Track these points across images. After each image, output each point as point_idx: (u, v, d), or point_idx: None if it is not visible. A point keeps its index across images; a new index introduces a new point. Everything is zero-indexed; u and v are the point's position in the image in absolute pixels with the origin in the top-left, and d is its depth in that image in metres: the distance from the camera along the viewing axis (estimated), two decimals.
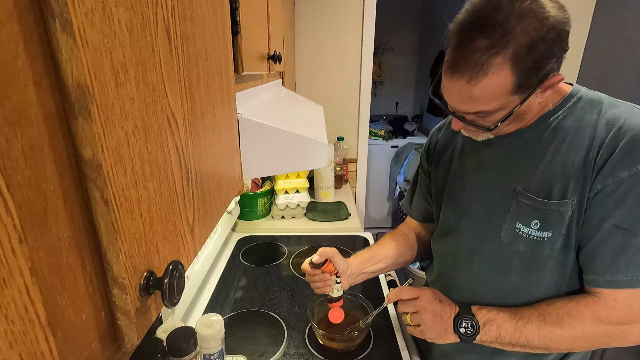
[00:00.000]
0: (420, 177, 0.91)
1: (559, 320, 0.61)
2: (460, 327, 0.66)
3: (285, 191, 1.58)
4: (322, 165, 0.74)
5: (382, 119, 3.72)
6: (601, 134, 0.58)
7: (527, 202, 0.64)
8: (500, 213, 0.68)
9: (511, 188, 0.66)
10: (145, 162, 0.28)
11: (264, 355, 0.88)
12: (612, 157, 0.56)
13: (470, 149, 0.75)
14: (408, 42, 3.79)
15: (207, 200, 0.44)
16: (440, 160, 0.82)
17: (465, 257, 0.74)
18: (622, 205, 0.56)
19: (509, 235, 0.66)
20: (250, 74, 0.75)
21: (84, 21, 0.21)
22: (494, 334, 0.64)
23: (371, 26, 1.90)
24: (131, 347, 0.27)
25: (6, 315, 0.17)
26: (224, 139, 0.52)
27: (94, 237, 0.24)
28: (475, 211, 0.72)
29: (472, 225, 0.73)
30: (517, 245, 0.65)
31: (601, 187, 0.57)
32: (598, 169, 0.57)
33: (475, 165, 0.73)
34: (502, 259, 0.68)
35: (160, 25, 0.30)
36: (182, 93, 0.36)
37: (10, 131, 0.17)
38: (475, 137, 0.67)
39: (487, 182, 0.71)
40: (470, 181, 0.74)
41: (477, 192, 0.73)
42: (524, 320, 0.63)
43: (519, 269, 0.66)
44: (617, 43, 1.81)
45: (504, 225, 0.67)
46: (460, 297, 0.73)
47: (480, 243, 0.71)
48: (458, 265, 0.76)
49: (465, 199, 0.75)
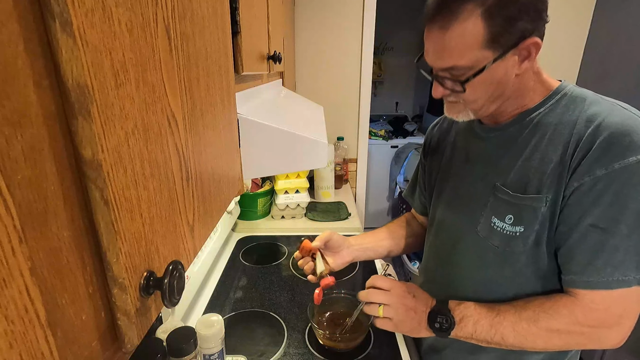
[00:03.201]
0: (420, 171, 0.93)
1: (535, 319, 0.60)
2: (435, 322, 0.66)
3: (285, 191, 1.58)
4: (322, 165, 0.74)
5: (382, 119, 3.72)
6: (580, 131, 0.58)
7: (503, 196, 0.65)
8: (479, 207, 0.69)
9: (491, 183, 0.67)
10: (145, 162, 0.28)
11: (264, 355, 0.88)
12: (589, 155, 0.56)
13: (461, 143, 0.77)
14: (408, 42, 3.78)
15: (207, 200, 0.44)
16: (435, 155, 0.84)
17: (447, 250, 0.76)
18: (598, 203, 0.55)
19: (485, 229, 0.67)
20: (250, 74, 0.75)
21: (84, 21, 0.21)
22: (469, 330, 0.64)
23: (371, 26, 1.90)
24: (131, 347, 0.27)
25: (6, 315, 0.17)
26: (224, 139, 0.52)
27: (94, 237, 0.24)
28: (458, 205, 0.74)
29: (454, 218, 0.75)
30: (492, 239, 0.66)
31: (578, 185, 0.57)
32: (575, 166, 0.57)
33: (463, 159, 0.75)
34: (479, 252, 0.69)
35: (160, 25, 0.30)
36: (182, 93, 0.36)
37: (10, 131, 0.17)
38: (456, 117, 0.66)
39: (471, 177, 0.72)
40: (456, 175, 0.76)
41: (461, 186, 0.74)
42: (500, 317, 0.63)
43: (494, 264, 0.67)
44: (617, 43, 1.81)
45: (482, 219, 0.68)
46: (440, 289, 0.74)
47: (461, 236, 0.72)
48: (439, 259, 0.78)
49: (451, 193, 0.76)
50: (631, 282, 0.55)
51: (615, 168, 0.54)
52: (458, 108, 0.65)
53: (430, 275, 0.82)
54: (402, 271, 2.81)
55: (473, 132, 0.74)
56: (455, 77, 0.59)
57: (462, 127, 0.79)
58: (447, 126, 0.84)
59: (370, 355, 0.88)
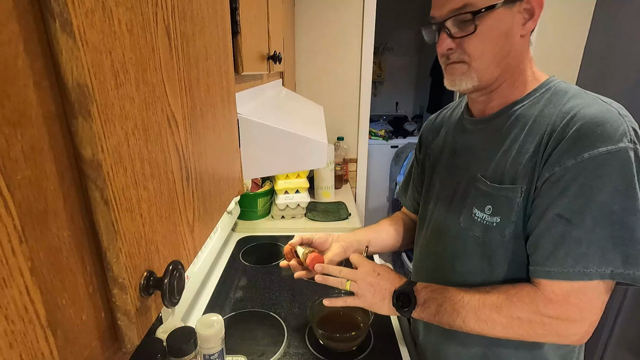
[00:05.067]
0: (414, 168, 0.93)
1: (498, 305, 0.61)
2: (398, 300, 0.69)
3: (285, 191, 1.58)
4: (322, 165, 0.74)
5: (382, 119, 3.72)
6: (555, 122, 0.58)
7: (482, 187, 0.65)
8: (462, 199, 0.70)
9: (473, 174, 0.68)
10: (145, 162, 0.28)
11: (264, 355, 0.88)
12: (560, 145, 0.56)
13: (450, 138, 0.78)
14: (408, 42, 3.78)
15: (207, 200, 0.44)
16: (427, 152, 0.85)
17: (433, 242, 0.77)
18: (565, 194, 0.55)
19: (467, 220, 0.68)
20: (250, 74, 0.75)
21: (84, 21, 0.20)
22: (432, 312, 0.66)
23: (371, 26, 1.90)
24: (131, 347, 0.27)
25: (6, 315, 0.17)
26: (224, 139, 0.52)
27: (94, 237, 0.24)
28: (445, 197, 0.75)
29: (440, 210, 0.76)
30: (473, 230, 0.67)
31: (548, 176, 0.57)
32: (547, 157, 0.57)
33: (451, 153, 0.76)
34: (461, 243, 0.70)
35: (160, 25, 0.30)
36: (182, 93, 0.36)
37: (10, 131, 0.17)
38: (458, 83, 0.64)
39: (457, 170, 0.73)
40: (444, 167, 0.77)
41: (447, 178, 0.75)
42: (464, 301, 0.63)
43: (475, 254, 0.68)
44: (617, 43, 1.81)
45: (464, 210, 0.69)
46: (425, 279, 0.75)
47: (445, 228, 0.74)
48: (426, 249, 0.80)
49: (438, 185, 0.78)
50: (592, 275, 0.54)
51: (584, 158, 0.53)
52: (462, 69, 0.62)
53: (418, 265, 0.84)
54: (402, 271, 2.81)
55: (461, 126, 0.75)
56: (466, 16, 0.58)
57: (452, 122, 0.80)
58: (439, 123, 0.85)
59: (370, 355, 0.88)
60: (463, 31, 0.59)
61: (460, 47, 0.61)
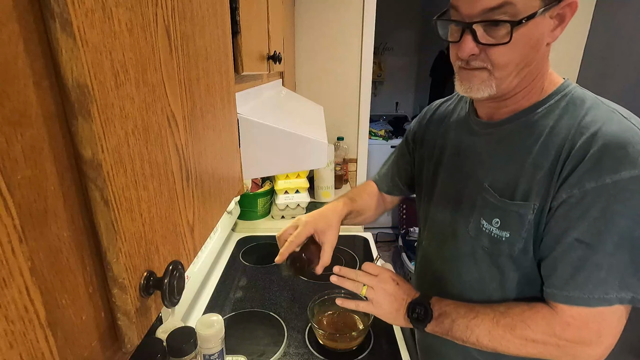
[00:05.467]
0: (401, 153, 0.91)
1: (512, 326, 0.60)
2: (413, 312, 0.67)
3: (285, 191, 1.58)
4: (322, 165, 0.74)
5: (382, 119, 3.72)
6: (574, 138, 0.55)
7: (490, 199, 0.63)
8: (469, 206, 0.68)
9: (479, 182, 0.65)
10: (145, 162, 0.28)
11: (264, 355, 0.88)
12: (581, 166, 0.53)
13: (453, 137, 0.74)
14: (408, 42, 3.79)
15: (207, 200, 0.44)
16: (424, 141, 0.82)
17: (438, 246, 0.75)
18: (585, 218, 0.53)
19: (475, 229, 0.66)
20: (250, 74, 0.75)
21: (84, 21, 0.20)
22: (446, 327, 0.65)
23: (371, 26, 1.90)
24: (131, 347, 0.27)
25: (6, 315, 0.17)
26: (224, 139, 0.52)
27: (94, 237, 0.24)
28: (449, 200, 0.73)
29: (444, 213, 0.74)
30: (481, 240, 0.65)
31: (566, 197, 0.54)
32: (565, 176, 0.54)
33: (454, 153, 0.73)
34: (469, 251, 0.68)
35: (160, 25, 0.30)
36: (182, 93, 0.36)
37: (10, 131, 0.17)
38: (475, 90, 0.59)
39: (461, 173, 0.70)
40: (447, 168, 0.74)
41: (451, 179, 0.73)
42: (478, 320, 0.62)
43: (482, 263, 0.66)
44: (617, 43, 1.81)
45: (471, 218, 0.67)
46: (430, 285, 0.74)
47: (452, 233, 0.71)
48: (431, 254, 0.78)
49: (441, 185, 0.75)
50: (612, 301, 0.53)
51: (606, 182, 0.51)
52: (481, 77, 0.57)
53: (422, 269, 0.82)
54: (402, 271, 2.81)
55: (467, 126, 0.72)
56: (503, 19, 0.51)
57: (456, 118, 0.76)
58: (440, 115, 0.81)
59: (370, 355, 0.88)
60: (494, 38, 0.53)
61: (483, 53, 0.55)
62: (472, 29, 0.53)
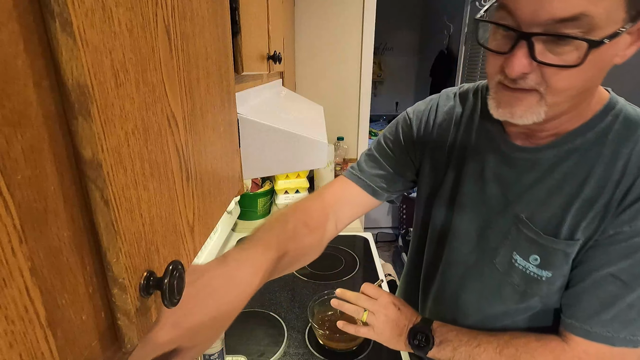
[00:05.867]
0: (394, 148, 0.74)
1: (516, 357, 0.58)
2: (414, 338, 0.65)
3: (285, 191, 1.58)
4: (322, 165, 0.74)
5: (382, 119, 3.72)
6: (633, 172, 0.49)
7: (529, 233, 0.56)
8: (497, 236, 0.60)
9: (513, 212, 0.58)
10: (145, 162, 0.28)
11: (264, 355, 0.88)
12: (638, 203, 0.48)
13: (476, 152, 0.63)
14: (408, 42, 3.79)
15: (207, 200, 0.44)
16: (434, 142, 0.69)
17: (458, 273, 0.67)
18: (629, 257, 0.49)
19: (504, 263, 0.60)
20: (250, 74, 0.75)
21: (84, 21, 0.20)
22: (448, 355, 0.63)
23: (371, 26, 1.90)
24: (131, 347, 0.27)
25: (6, 315, 0.17)
26: (224, 139, 0.52)
27: (94, 237, 0.24)
28: (469, 229, 0.64)
29: (467, 237, 0.65)
30: (512, 277, 0.59)
31: (613, 233, 0.50)
32: (619, 212, 0.49)
33: (476, 173, 0.63)
34: (494, 285, 0.62)
35: (160, 25, 0.30)
36: (182, 93, 0.36)
37: (10, 131, 0.17)
38: (519, 115, 0.47)
39: (486, 199, 0.62)
40: (467, 195, 0.64)
41: (472, 208, 0.64)
42: (481, 349, 0.60)
43: (509, 301, 0.62)
44: None
45: (500, 251, 0.60)
46: (439, 307, 0.70)
47: (475, 263, 0.65)
48: (446, 276, 0.70)
49: (461, 207, 0.65)
50: (637, 343, 0.51)
51: None
52: (529, 102, 0.46)
53: (427, 294, 0.75)
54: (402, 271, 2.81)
55: (495, 145, 0.60)
56: (577, 36, 0.39)
57: (478, 129, 0.63)
58: (447, 119, 0.68)
59: (370, 355, 0.88)
60: (558, 56, 0.41)
61: (537, 71, 0.43)
62: (531, 41, 0.41)
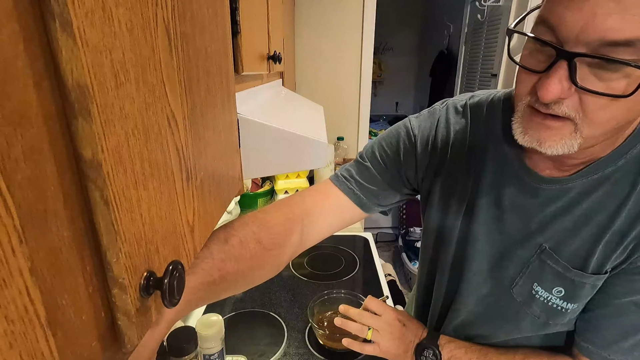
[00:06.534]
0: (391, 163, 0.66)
1: None
2: (421, 355, 0.63)
3: (285, 191, 1.58)
4: (322, 165, 0.74)
5: (382, 119, 3.72)
6: None
7: (554, 266, 0.53)
8: (516, 264, 0.57)
9: (535, 241, 0.54)
10: (145, 162, 0.28)
11: (264, 355, 0.88)
12: None
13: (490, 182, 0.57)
14: (408, 42, 3.79)
15: (207, 200, 0.44)
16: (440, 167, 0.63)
17: (470, 299, 0.64)
18: None
19: (524, 294, 0.57)
20: (250, 74, 0.75)
21: (84, 21, 0.20)
22: None
23: (371, 26, 1.90)
24: (131, 347, 0.27)
25: (6, 315, 0.17)
26: (224, 139, 0.52)
27: (94, 237, 0.24)
28: (485, 252, 0.60)
29: (482, 262, 0.61)
30: (532, 308, 0.56)
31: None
32: None
33: (491, 202, 0.57)
34: (511, 316, 0.59)
35: (160, 26, 0.30)
36: (182, 93, 0.36)
37: (10, 131, 0.17)
38: (547, 149, 0.42)
39: (504, 224, 0.57)
40: (484, 217, 0.59)
41: (490, 231, 0.59)
42: None
43: (528, 331, 0.59)
44: None
45: (519, 280, 0.56)
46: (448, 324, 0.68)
47: (489, 290, 0.61)
48: (458, 301, 0.66)
49: (475, 235, 0.60)
50: None
51: None
52: (562, 132, 0.40)
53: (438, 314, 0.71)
54: (402, 271, 2.81)
55: (513, 173, 0.55)
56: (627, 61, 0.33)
57: (493, 153, 0.57)
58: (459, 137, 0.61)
59: (370, 355, 0.88)
60: (602, 82, 0.36)
61: (575, 97, 0.38)
62: (573, 62, 0.36)
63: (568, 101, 0.38)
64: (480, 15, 2.36)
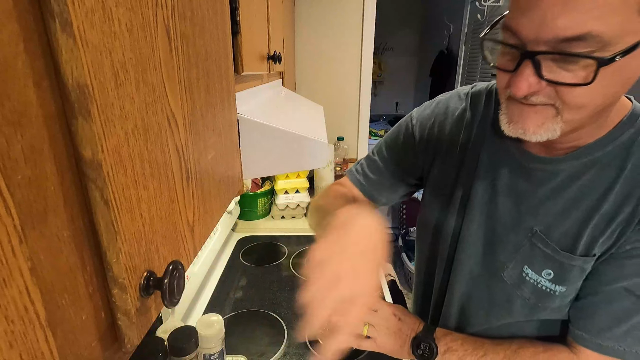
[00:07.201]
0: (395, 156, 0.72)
1: None
2: (418, 348, 0.63)
3: (285, 191, 1.58)
4: (322, 165, 0.74)
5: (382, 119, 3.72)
6: None
7: (544, 248, 0.54)
8: (507, 249, 0.58)
9: (527, 226, 0.56)
10: (145, 162, 0.28)
11: (264, 355, 0.88)
12: None
13: (487, 162, 0.60)
14: (408, 42, 3.79)
15: (207, 200, 0.44)
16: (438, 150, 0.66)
17: (462, 283, 0.66)
18: None
19: (514, 277, 0.58)
20: (250, 74, 0.75)
21: (84, 21, 0.20)
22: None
23: (371, 26, 1.90)
24: (131, 347, 0.27)
25: (6, 315, 0.17)
26: (224, 139, 0.52)
27: (94, 237, 0.24)
28: (478, 234, 0.62)
29: (474, 248, 0.63)
30: (522, 290, 0.58)
31: (630, 248, 0.49)
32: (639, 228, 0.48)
33: (487, 185, 0.60)
34: (502, 299, 0.61)
35: (160, 25, 0.30)
36: (182, 93, 0.36)
37: (10, 131, 0.17)
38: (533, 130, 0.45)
39: (497, 210, 0.59)
40: (476, 206, 0.61)
41: (481, 218, 0.61)
42: (487, 358, 0.59)
43: (519, 314, 0.60)
44: None
45: (510, 264, 0.58)
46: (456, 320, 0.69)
47: (482, 275, 0.63)
48: (452, 288, 0.69)
49: (470, 218, 0.63)
50: None
51: None
52: (544, 114, 0.43)
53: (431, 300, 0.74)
54: (402, 271, 2.81)
55: (509, 155, 0.58)
56: (584, 54, 0.37)
57: (490, 136, 0.60)
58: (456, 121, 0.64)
59: (370, 355, 0.88)
60: (568, 73, 0.39)
61: (550, 88, 0.41)
62: (536, 60, 0.39)
63: (543, 92, 0.42)
64: (480, 15, 2.37)
